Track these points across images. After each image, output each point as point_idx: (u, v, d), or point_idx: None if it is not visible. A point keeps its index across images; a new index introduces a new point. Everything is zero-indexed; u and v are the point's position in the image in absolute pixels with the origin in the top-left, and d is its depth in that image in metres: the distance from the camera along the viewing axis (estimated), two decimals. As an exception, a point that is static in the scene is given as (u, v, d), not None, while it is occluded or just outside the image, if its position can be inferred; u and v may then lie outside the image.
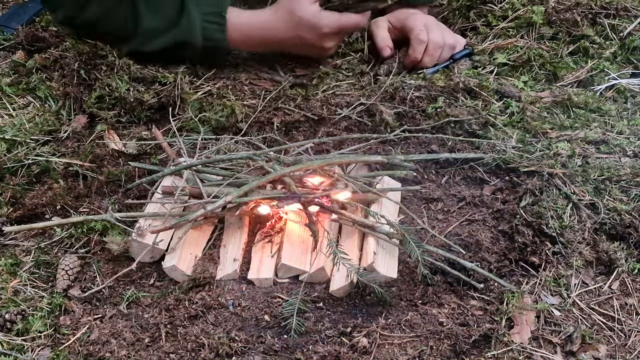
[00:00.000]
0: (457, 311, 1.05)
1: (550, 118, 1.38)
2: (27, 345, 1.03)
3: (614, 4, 1.59)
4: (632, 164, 1.26)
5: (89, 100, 1.39)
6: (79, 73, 1.40)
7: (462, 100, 1.40)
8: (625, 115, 1.41)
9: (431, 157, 1.28)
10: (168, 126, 1.35)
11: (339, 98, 1.42)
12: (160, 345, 1.02)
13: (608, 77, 1.49)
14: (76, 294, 1.11)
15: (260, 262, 1.12)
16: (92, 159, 1.31)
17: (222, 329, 1.03)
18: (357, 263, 1.10)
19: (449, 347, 1.00)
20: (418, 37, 1.50)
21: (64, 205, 1.24)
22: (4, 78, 1.48)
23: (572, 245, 1.14)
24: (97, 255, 1.17)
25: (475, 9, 1.67)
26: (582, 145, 1.30)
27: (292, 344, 1.01)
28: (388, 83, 1.44)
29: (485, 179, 1.28)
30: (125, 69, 1.40)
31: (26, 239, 1.21)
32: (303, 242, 1.15)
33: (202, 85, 1.46)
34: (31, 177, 1.29)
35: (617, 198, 1.19)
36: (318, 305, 1.07)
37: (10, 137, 1.33)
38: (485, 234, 1.17)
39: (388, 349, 1.00)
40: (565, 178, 1.23)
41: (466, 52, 1.55)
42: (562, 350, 1.01)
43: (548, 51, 1.54)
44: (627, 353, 1.00)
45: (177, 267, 1.11)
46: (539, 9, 1.58)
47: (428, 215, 1.23)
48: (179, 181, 1.18)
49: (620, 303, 1.07)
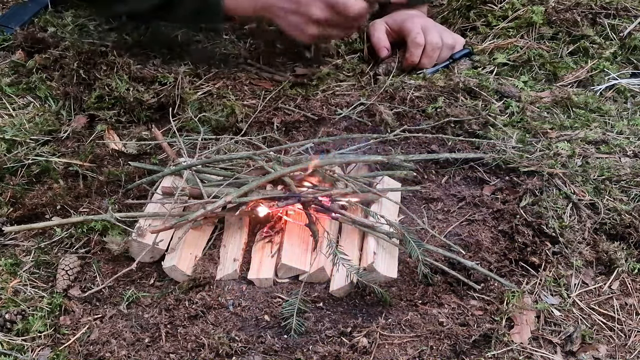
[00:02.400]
0: (457, 311, 1.05)
1: (550, 118, 1.38)
2: (27, 345, 1.03)
3: (614, 4, 1.59)
4: (632, 164, 1.26)
5: (89, 100, 1.39)
6: (79, 73, 1.40)
7: (462, 100, 1.40)
8: (625, 115, 1.41)
9: (431, 157, 1.28)
10: (168, 126, 1.35)
11: (339, 98, 1.42)
12: (160, 345, 1.02)
13: (608, 77, 1.50)
14: (76, 294, 1.11)
15: (260, 262, 1.12)
16: (92, 159, 1.31)
17: (222, 329, 1.03)
18: (357, 263, 1.10)
19: (449, 347, 1.00)
20: (415, 41, 1.50)
21: (64, 205, 1.24)
22: (4, 78, 1.48)
23: (572, 245, 1.14)
24: (97, 255, 1.17)
25: (475, 9, 1.67)
26: (582, 145, 1.30)
27: (292, 344, 1.01)
28: (388, 83, 1.44)
29: (485, 179, 1.28)
30: (125, 69, 1.40)
31: (26, 239, 1.21)
32: (303, 242, 1.15)
33: (202, 85, 1.46)
34: (31, 177, 1.29)
35: (617, 198, 1.19)
36: (318, 305, 1.07)
37: (10, 137, 1.32)
38: (485, 234, 1.17)
39: (388, 349, 1.00)
40: (565, 178, 1.23)
41: (466, 52, 1.55)
42: (562, 350, 1.01)
43: (548, 51, 1.54)
44: (627, 353, 1.01)
45: (177, 267, 1.11)
46: (539, 9, 1.58)
47: (428, 215, 1.23)
48: (179, 181, 1.18)
49: (620, 303, 1.07)
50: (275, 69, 1.52)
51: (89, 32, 1.60)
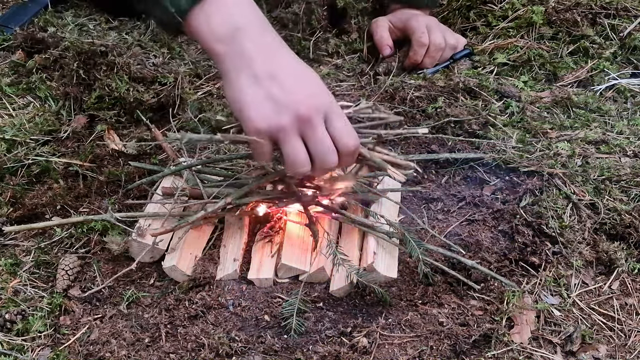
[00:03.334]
0: (457, 311, 1.05)
1: (550, 118, 1.38)
2: (27, 345, 1.02)
3: (614, 4, 1.59)
4: (632, 164, 1.26)
5: (89, 100, 1.39)
6: (79, 73, 1.40)
7: (462, 100, 1.40)
8: (625, 115, 1.41)
9: (431, 157, 1.28)
10: (168, 126, 1.35)
11: (339, 98, 1.42)
12: (160, 345, 1.02)
13: (608, 77, 1.50)
14: (76, 294, 1.11)
15: (260, 262, 1.12)
16: (92, 159, 1.31)
17: (222, 329, 1.03)
18: (357, 263, 1.10)
19: (449, 347, 1.00)
20: (420, 40, 1.51)
21: (64, 205, 1.24)
22: (4, 78, 1.48)
23: (572, 245, 1.14)
24: (97, 255, 1.17)
25: (475, 9, 1.67)
26: (582, 145, 1.30)
27: (292, 344, 1.01)
28: (388, 83, 1.44)
29: (485, 179, 1.28)
30: (125, 69, 1.40)
31: (26, 239, 1.21)
32: (303, 242, 1.15)
33: (202, 85, 1.46)
34: (31, 177, 1.29)
35: (617, 198, 1.19)
36: (318, 305, 1.07)
37: (10, 137, 1.32)
38: (485, 234, 1.17)
39: (388, 349, 1.00)
40: (565, 178, 1.23)
41: (466, 52, 1.55)
42: (562, 350, 1.01)
43: (548, 51, 1.54)
44: (627, 353, 1.00)
45: (177, 267, 1.11)
46: (539, 9, 1.58)
47: (428, 215, 1.23)
48: (179, 181, 1.18)
49: (620, 303, 1.07)
50: None
51: (89, 32, 1.61)
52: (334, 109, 0.94)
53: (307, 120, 0.91)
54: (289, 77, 0.93)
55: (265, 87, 0.91)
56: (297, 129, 0.91)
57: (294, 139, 0.92)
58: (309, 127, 0.91)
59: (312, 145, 0.93)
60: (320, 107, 0.92)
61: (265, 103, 0.91)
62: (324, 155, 0.93)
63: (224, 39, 0.94)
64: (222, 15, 0.95)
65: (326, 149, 0.93)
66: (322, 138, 0.92)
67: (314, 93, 0.93)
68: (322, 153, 0.93)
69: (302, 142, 0.92)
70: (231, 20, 0.95)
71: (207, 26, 0.95)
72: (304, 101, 0.91)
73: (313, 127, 0.91)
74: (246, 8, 0.97)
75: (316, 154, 0.93)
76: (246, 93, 0.92)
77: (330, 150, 0.93)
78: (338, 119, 0.94)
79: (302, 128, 0.91)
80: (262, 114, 0.91)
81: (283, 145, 0.92)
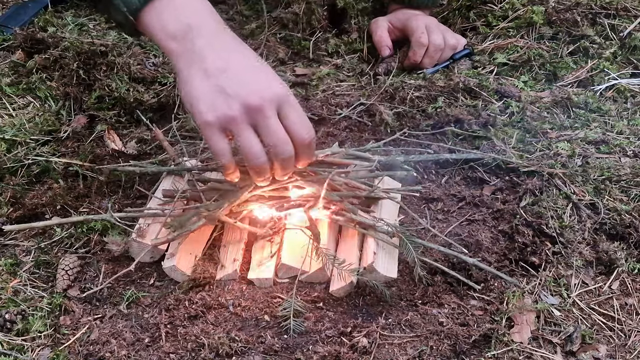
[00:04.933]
0: (457, 311, 1.05)
1: (550, 118, 1.38)
2: (27, 345, 1.02)
3: (614, 4, 1.59)
4: (632, 164, 1.26)
5: (89, 100, 1.39)
6: (79, 73, 1.40)
7: (462, 100, 1.40)
8: (625, 115, 1.41)
9: (431, 157, 1.28)
10: (168, 126, 1.35)
11: (339, 98, 1.42)
12: (160, 345, 1.02)
13: (608, 77, 1.50)
14: (76, 294, 1.11)
15: (260, 262, 1.12)
16: (92, 159, 1.31)
17: (222, 329, 1.03)
18: (357, 263, 1.10)
19: (449, 347, 1.00)
20: (419, 40, 1.51)
21: (64, 205, 1.24)
22: (4, 78, 1.48)
23: (572, 245, 1.14)
24: (97, 255, 1.17)
25: (475, 9, 1.67)
26: (582, 145, 1.30)
27: (292, 344, 1.01)
28: (388, 83, 1.44)
29: (485, 179, 1.28)
30: (125, 69, 1.40)
31: (26, 239, 1.21)
32: (303, 242, 1.14)
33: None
34: (31, 177, 1.29)
35: (617, 198, 1.19)
36: (318, 305, 1.07)
37: (10, 137, 1.32)
38: (485, 234, 1.17)
39: (388, 349, 1.00)
40: (565, 178, 1.23)
41: (466, 52, 1.55)
42: (562, 350, 1.01)
43: (548, 51, 1.54)
44: (627, 353, 1.00)
45: (177, 267, 1.11)
46: (539, 9, 1.58)
47: (428, 215, 1.23)
48: (179, 183, 1.18)
49: (620, 303, 1.07)
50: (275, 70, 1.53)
51: (88, 32, 1.61)
52: (289, 101, 0.93)
53: (258, 110, 0.90)
54: (240, 70, 0.93)
55: (214, 80, 0.91)
56: (248, 119, 0.91)
57: (246, 130, 0.91)
58: (261, 118, 0.91)
59: (265, 136, 0.92)
60: (273, 98, 0.91)
61: (214, 95, 0.91)
62: (278, 146, 0.92)
63: (176, 37, 0.96)
64: (173, 14, 0.96)
65: (280, 139, 0.92)
66: (274, 129, 0.92)
67: (265, 84, 0.93)
68: (275, 144, 0.92)
69: (255, 134, 0.92)
70: (183, 18, 0.95)
71: (159, 25, 0.96)
72: (255, 91, 0.90)
73: (265, 118, 0.91)
74: (198, 5, 0.98)
75: (270, 144, 0.92)
76: (196, 88, 0.92)
77: (283, 140, 0.93)
78: (292, 110, 0.93)
79: (253, 118, 0.91)
80: (211, 106, 0.91)
81: (236, 138, 0.92)
